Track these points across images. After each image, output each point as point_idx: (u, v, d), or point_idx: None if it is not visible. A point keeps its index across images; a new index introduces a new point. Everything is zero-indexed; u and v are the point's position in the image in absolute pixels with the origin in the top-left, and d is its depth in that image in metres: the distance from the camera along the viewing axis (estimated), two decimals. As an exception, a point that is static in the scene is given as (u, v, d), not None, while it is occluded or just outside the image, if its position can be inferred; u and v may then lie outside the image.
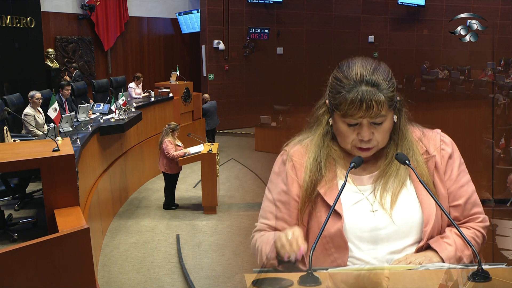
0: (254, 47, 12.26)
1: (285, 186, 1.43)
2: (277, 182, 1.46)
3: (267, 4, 12.34)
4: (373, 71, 1.30)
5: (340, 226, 1.33)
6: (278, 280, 1.12)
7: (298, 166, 1.43)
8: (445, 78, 12.29)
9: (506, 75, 10.77)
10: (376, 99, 1.27)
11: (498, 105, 8.67)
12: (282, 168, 1.46)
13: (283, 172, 1.45)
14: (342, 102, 1.29)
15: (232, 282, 4.75)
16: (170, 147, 6.56)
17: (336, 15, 13.16)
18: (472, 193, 1.41)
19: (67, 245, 2.60)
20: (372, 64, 1.33)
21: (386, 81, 1.30)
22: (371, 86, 1.28)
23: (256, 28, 12.22)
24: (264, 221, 1.47)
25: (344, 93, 1.29)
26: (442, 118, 7.92)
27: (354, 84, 1.29)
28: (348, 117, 1.30)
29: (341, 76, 1.33)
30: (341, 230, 1.33)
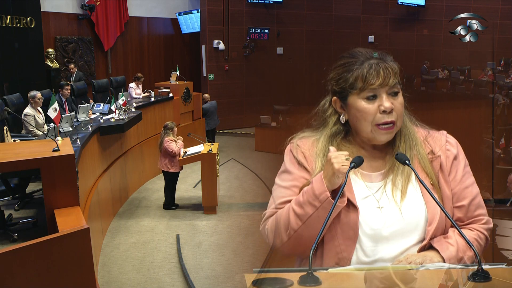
0: (254, 47, 12.26)
1: (301, 172, 1.43)
2: (293, 170, 1.44)
3: (267, 4, 12.34)
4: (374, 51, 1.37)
5: (356, 216, 1.33)
6: (278, 280, 1.12)
7: (308, 156, 1.44)
8: (445, 78, 12.28)
9: (506, 75, 10.77)
10: (390, 66, 1.33)
11: (498, 105, 8.66)
12: (293, 157, 1.46)
13: (295, 161, 1.45)
14: (358, 76, 1.33)
15: (232, 282, 4.75)
16: (172, 144, 6.57)
17: (336, 15, 13.15)
18: (476, 194, 1.42)
19: (67, 245, 2.60)
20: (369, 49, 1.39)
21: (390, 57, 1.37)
22: (380, 59, 1.34)
23: (256, 28, 12.21)
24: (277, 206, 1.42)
25: (357, 67, 1.34)
26: (442, 118, 7.92)
27: (363, 59, 1.34)
28: (367, 90, 1.33)
29: (346, 60, 1.37)
30: (356, 221, 1.33)
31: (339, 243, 1.35)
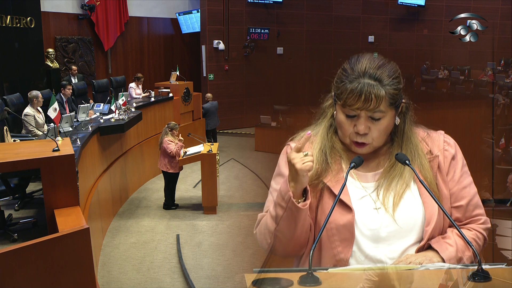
0: (254, 47, 12.26)
1: None
2: (284, 173, 1.44)
3: (267, 4, 12.34)
4: (378, 67, 1.32)
5: (351, 218, 1.34)
6: (278, 280, 1.12)
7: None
8: (445, 78, 12.29)
9: (506, 75, 10.77)
10: (376, 93, 1.29)
11: (498, 105, 8.67)
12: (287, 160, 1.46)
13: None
14: (343, 91, 1.31)
15: (232, 282, 4.75)
16: (171, 145, 6.57)
17: (336, 15, 13.15)
18: (474, 194, 1.42)
19: (67, 245, 2.60)
20: (380, 61, 1.35)
21: (390, 78, 1.32)
22: (374, 80, 1.30)
23: (256, 28, 12.22)
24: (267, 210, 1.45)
25: (346, 83, 1.31)
26: (442, 118, 7.92)
27: (357, 75, 1.31)
28: (347, 107, 1.32)
29: (347, 67, 1.35)
30: (352, 222, 1.33)
31: (336, 245, 1.35)
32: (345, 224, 1.34)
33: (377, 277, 1.09)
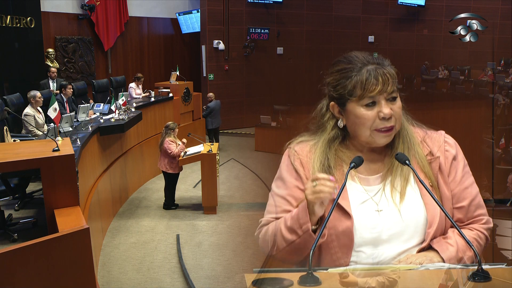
0: (254, 47, 12.26)
1: (296, 181, 1.43)
2: (287, 178, 1.44)
3: (267, 4, 12.34)
4: (370, 54, 1.35)
5: (350, 225, 1.33)
6: (278, 280, 1.12)
7: (305, 163, 1.43)
8: (445, 78, 12.28)
9: (506, 75, 10.77)
10: (388, 72, 1.32)
11: (498, 105, 8.66)
12: (290, 164, 1.45)
13: (292, 168, 1.44)
14: (357, 83, 1.31)
15: (232, 282, 4.75)
16: (173, 146, 6.57)
17: (336, 15, 13.15)
18: (476, 195, 1.41)
19: (67, 245, 2.60)
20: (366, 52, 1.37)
21: (387, 61, 1.35)
22: (378, 64, 1.32)
23: (256, 28, 12.22)
24: (272, 215, 1.44)
25: (355, 75, 1.32)
26: (442, 118, 7.92)
27: (361, 65, 1.32)
28: (366, 97, 1.31)
29: (343, 66, 1.35)
30: (351, 229, 1.33)
31: (335, 251, 1.34)
32: (344, 231, 1.33)
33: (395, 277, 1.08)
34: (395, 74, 1.33)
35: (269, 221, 1.44)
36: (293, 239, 1.32)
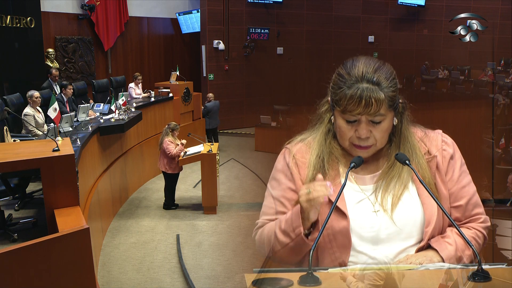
0: (254, 47, 12.26)
1: (290, 182, 1.43)
2: (281, 179, 1.45)
3: (267, 4, 12.34)
4: (375, 70, 1.30)
5: (346, 224, 1.33)
6: (278, 280, 1.12)
7: (301, 163, 1.43)
8: (445, 78, 12.28)
9: (506, 75, 10.77)
10: (376, 97, 1.27)
11: (498, 105, 8.66)
12: (285, 165, 1.46)
13: (286, 169, 1.45)
14: (342, 97, 1.30)
15: (232, 282, 4.75)
16: (171, 146, 6.57)
17: (336, 15, 13.15)
18: (473, 194, 1.42)
19: (67, 245, 2.60)
20: (376, 63, 1.33)
21: (387, 80, 1.30)
22: (372, 84, 1.28)
23: (256, 28, 12.21)
24: (267, 217, 1.46)
25: (345, 89, 1.29)
26: (442, 118, 7.92)
27: (355, 80, 1.29)
28: (347, 113, 1.30)
29: (344, 73, 1.33)
30: (347, 229, 1.33)
31: (334, 251, 1.35)
32: (340, 230, 1.33)
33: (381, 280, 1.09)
34: (385, 98, 1.28)
35: (264, 223, 1.45)
36: (287, 241, 1.33)
